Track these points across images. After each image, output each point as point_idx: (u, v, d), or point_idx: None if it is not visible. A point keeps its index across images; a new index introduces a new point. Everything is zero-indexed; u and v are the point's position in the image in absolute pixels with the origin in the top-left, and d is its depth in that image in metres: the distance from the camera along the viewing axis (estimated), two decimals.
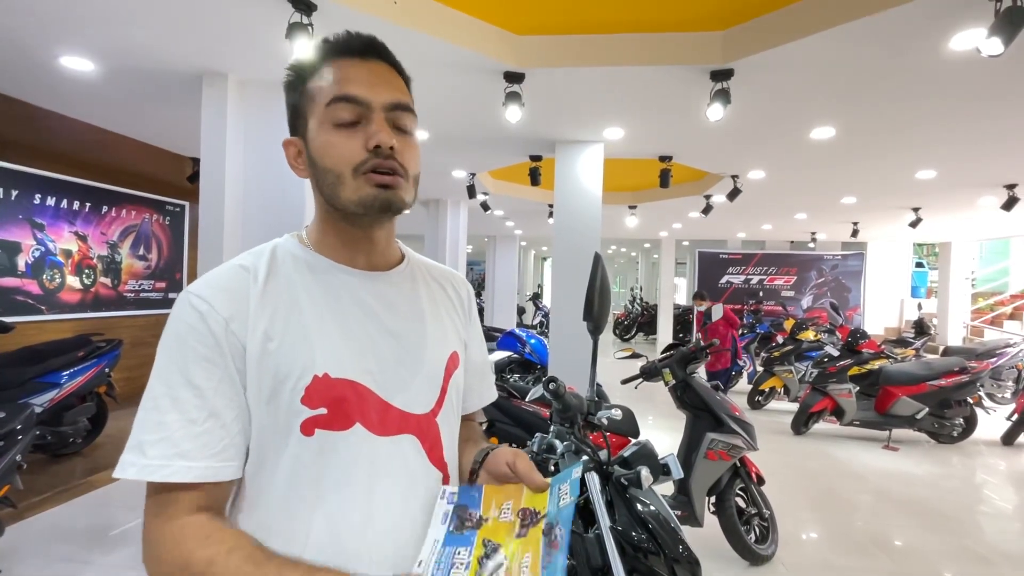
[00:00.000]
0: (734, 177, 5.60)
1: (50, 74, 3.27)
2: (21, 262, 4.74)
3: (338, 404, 0.66)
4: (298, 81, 0.71)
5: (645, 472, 1.08)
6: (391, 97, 0.69)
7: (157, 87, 3.44)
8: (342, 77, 0.68)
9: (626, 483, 1.20)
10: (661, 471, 1.18)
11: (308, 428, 0.65)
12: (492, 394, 0.93)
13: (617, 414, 1.21)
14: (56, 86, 3.49)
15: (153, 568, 0.61)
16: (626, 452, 1.27)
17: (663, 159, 4.89)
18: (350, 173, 0.66)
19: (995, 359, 6.36)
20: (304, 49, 2.20)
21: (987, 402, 6.13)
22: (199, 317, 0.63)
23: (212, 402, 0.62)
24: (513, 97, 3.08)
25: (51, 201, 5.01)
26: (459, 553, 0.63)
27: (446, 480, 0.76)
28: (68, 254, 5.20)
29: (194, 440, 0.60)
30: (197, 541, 0.59)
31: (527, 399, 2.74)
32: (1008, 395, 6.73)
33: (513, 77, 3.04)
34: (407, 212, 0.73)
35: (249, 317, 0.65)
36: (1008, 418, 5.50)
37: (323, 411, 0.65)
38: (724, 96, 2.95)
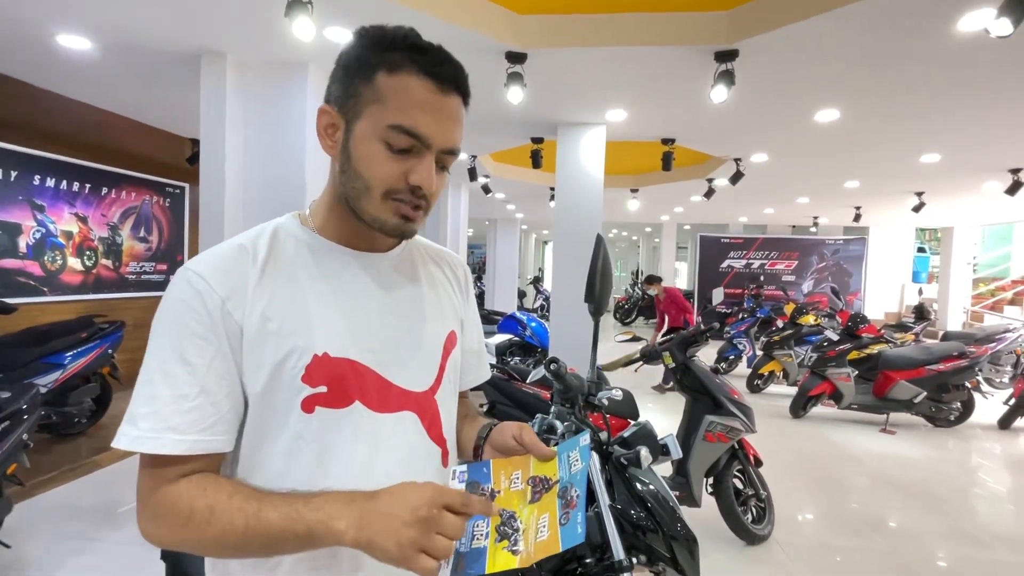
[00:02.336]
0: (737, 160, 5.56)
1: (47, 52, 3.24)
2: (22, 243, 4.74)
3: (338, 382, 0.67)
4: (371, 63, 0.66)
5: (644, 452, 1.09)
6: (451, 142, 0.68)
7: (155, 67, 3.41)
8: (416, 104, 0.64)
9: (625, 463, 1.22)
10: (660, 451, 1.20)
11: (309, 406, 0.66)
12: (486, 373, 0.95)
13: (618, 395, 1.22)
14: (53, 65, 3.45)
15: (154, 531, 0.63)
16: (626, 433, 1.29)
17: (666, 142, 4.86)
18: (380, 194, 0.66)
19: (994, 344, 6.37)
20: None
21: (985, 387, 6.16)
22: (195, 295, 0.63)
23: (204, 379, 0.63)
24: (515, 78, 3.04)
25: (51, 182, 4.98)
26: (477, 526, 0.65)
27: (445, 456, 0.78)
28: (69, 236, 5.19)
29: (184, 415, 0.62)
30: (196, 492, 0.61)
31: (528, 381, 2.76)
32: (1006, 380, 6.76)
33: (515, 57, 3.00)
34: None
35: (247, 298, 0.65)
36: (1005, 402, 5.53)
37: (323, 389, 0.66)
38: (728, 77, 2.91)
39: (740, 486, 3.03)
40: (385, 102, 0.65)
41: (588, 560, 1.21)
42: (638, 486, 1.31)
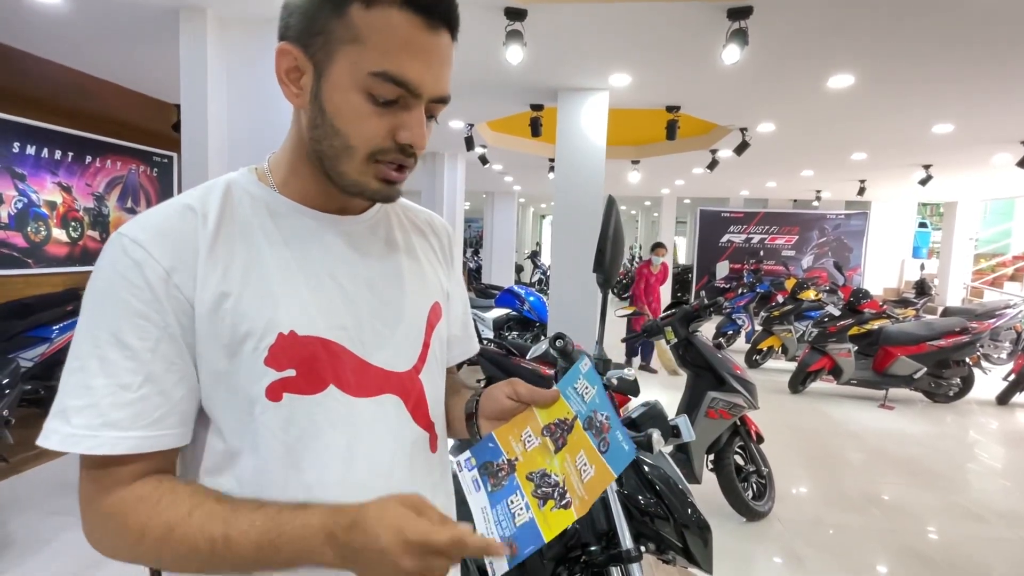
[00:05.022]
0: (743, 130, 5.39)
1: (16, 7, 3.04)
2: (3, 214, 4.58)
3: (308, 364, 0.58)
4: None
5: (657, 435, 1.01)
6: (442, 89, 0.59)
7: (131, 24, 3.21)
8: (402, 45, 0.54)
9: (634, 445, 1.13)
10: (671, 433, 1.12)
11: (275, 393, 0.57)
12: (474, 347, 0.86)
13: (630, 374, 1.13)
14: (25, 22, 3.25)
15: (104, 545, 0.55)
16: (634, 413, 1.21)
17: (671, 109, 4.68)
18: (364, 154, 0.57)
19: (994, 320, 6.34)
20: None
21: (984, 362, 6.14)
22: (132, 266, 0.53)
23: (149, 366, 0.53)
24: (514, 36, 2.87)
25: (31, 150, 4.79)
26: (512, 502, 0.61)
27: (433, 440, 0.70)
28: (52, 206, 5.02)
29: (125, 408, 0.52)
30: (149, 508, 0.53)
31: (528, 356, 2.67)
32: (1004, 356, 6.76)
33: (514, 14, 2.82)
34: None
35: (198, 268, 0.55)
36: (1005, 378, 5.52)
37: (291, 373, 0.57)
38: (741, 36, 2.75)
39: (741, 462, 2.99)
40: (364, 43, 0.54)
41: (593, 548, 1.13)
42: (647, 470, 1.24)
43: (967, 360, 5.32)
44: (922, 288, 8.17)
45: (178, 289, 0.54)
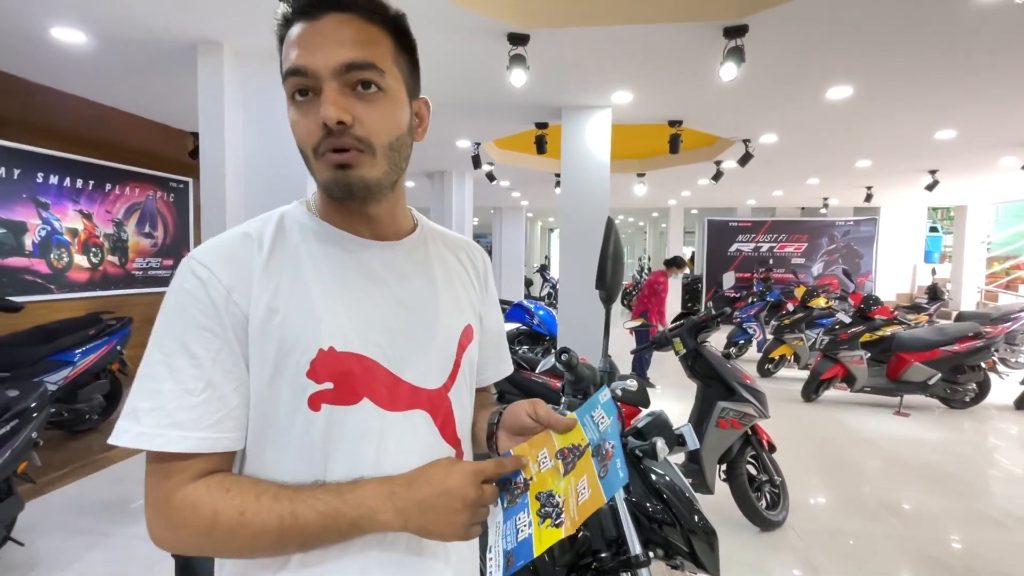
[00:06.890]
0: (746, 141, 5.45)
1: (42, 47, 3.19)
2: (28, 241, 4.74)
3: (344, 379, 0.64)
4: (278, 47, 0.66)
5: (660, 443, 1.05)
6: (338, 58, 0.60)
7: (151, 58, 3.35)
8: (292, 45, 0.62)
9: (640, 454, 1.18)
10: (676, 442, 1.16)
11: (315, 403, 0.63)
12: (508, 367, 0.91)
13: (633, 385, 1.18)
14: (50, 59, 3.41)
15: (171, 538, 0.60)
16: (640, 423, 1.25)
17: (673, 124, 4.75)
18: (311, 153, 0.63)
19: (1010, 324, 6.26)
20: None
21: (1000, 367, 6.06)
22: (200, 284, 0.61)
23: (210, 373, 0.60)
24: (517, 60, 2.96)
25: (54, 180, 4.97)
26: (520, 519, 0.65)
27: (459, 457, 0.74)
28: (74, 233, 5.19)
29: (189, 411, 0.59)
30: (219, 495, 0.59)
31: (537, 370, 2.71)
32: (1021, 359, 6.66)
33: (517, 39, 2.92)
34: (387, 189, 0.68)
35: (252, 288, 0.62)
36: (1022, 383, 5.44)
37: (329, 386, 0.63)
38: (738, 54, 2.82)
39: (754, 472, 2.99)
40: (283, 65, 0.64)
41: (604, 555, 1.17)
42: (653, 478, 1.28)
43: (983, 365, 5.26)
44: (935, 293, 8.09)
45: (236, 305, 0.61)
